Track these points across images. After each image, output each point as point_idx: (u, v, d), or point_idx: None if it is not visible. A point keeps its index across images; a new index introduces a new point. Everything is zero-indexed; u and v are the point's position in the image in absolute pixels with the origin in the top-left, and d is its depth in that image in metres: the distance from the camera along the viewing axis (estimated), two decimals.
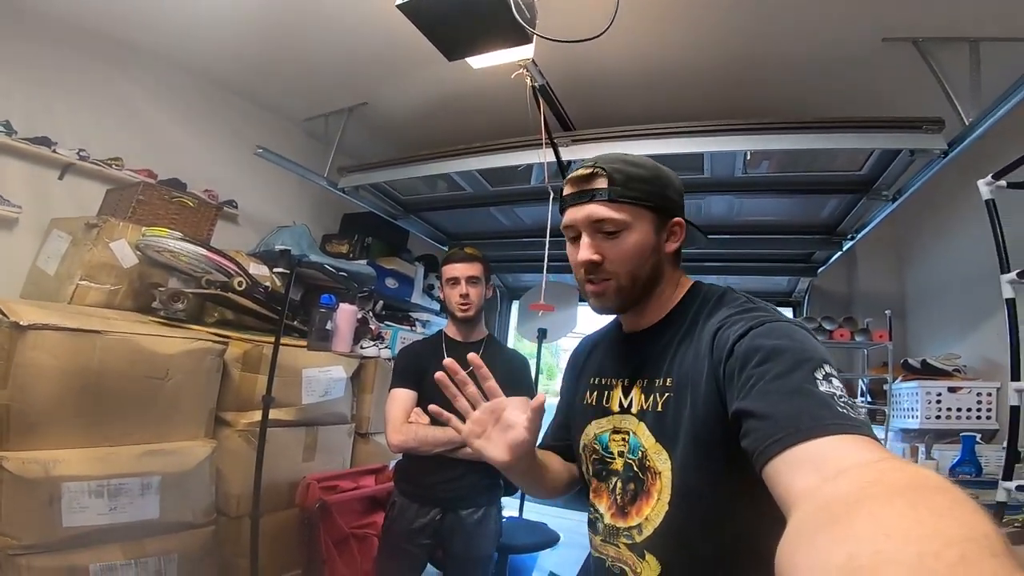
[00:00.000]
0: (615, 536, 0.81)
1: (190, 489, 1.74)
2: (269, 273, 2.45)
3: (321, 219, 3.55)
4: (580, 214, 0.80)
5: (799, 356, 0.61)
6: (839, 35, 2.12)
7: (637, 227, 0.80)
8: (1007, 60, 1.88)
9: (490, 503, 1.79)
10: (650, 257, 0.81)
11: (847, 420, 0.53)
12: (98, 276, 2.03)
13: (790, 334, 0.65)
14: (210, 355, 1.89)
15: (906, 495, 0.34)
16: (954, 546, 0.27)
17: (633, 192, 0.79)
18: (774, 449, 0.53)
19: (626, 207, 0.79)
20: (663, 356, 0.81)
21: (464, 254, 1.81)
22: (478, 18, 1.49)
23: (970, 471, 1.92)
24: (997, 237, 1.76)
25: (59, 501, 1.42)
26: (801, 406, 0.55)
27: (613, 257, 0.80)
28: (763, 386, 0.59)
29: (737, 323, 0.70)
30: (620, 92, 2.64)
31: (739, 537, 0.70)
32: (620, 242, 0.79)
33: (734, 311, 0.75)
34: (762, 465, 0.54)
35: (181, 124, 2.78)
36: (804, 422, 0.53)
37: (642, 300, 0.84)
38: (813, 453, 0.50)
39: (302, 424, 2.25)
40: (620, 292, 0.82)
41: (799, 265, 3.33)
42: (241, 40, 2.50)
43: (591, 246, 0.80)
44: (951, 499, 0.32)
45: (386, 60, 2.54)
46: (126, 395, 1.63)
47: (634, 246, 0.80)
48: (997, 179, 1.80)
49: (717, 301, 0.81)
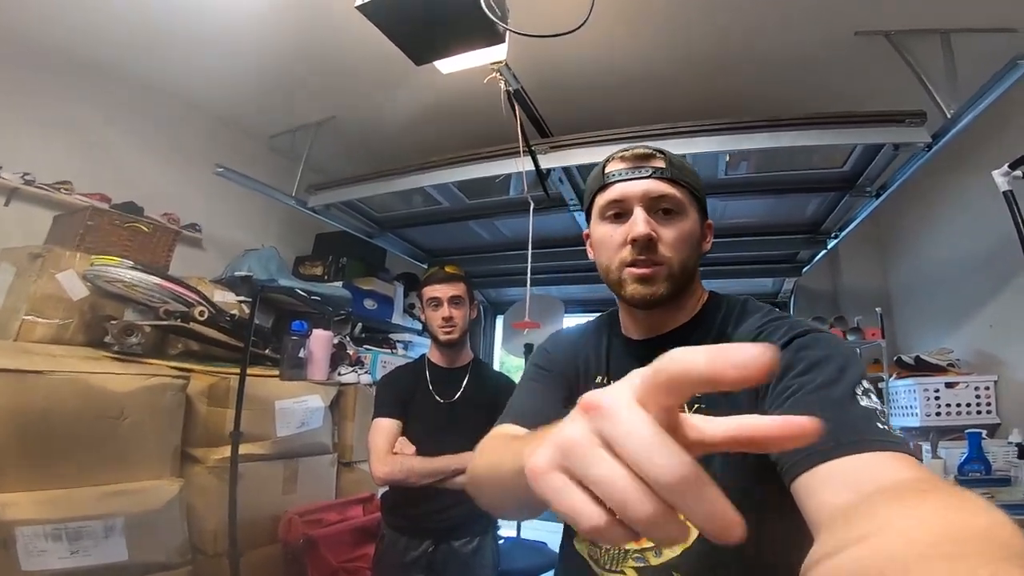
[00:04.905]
0: (620, 561, 0.73)
1: (159, 529, 1.65)
2: (236, 300, 2.31)
3: (292, 240, 3.41)
4: (637, 188, 0.75)
5: (842, 370, 0.59)
6: (812, 30, 2.12)
7: (689, 213, 0.77)
8: (979, 50, 1.89)
9: (485, 532, 1.69)
10: (696, 249, 0.78)
11: (886, 436, 0.51)
12: (45, 310, 1.89)
13: (833, 345, 0.63)
14: (170, 391, 1.76)
15: (943, 516, 0.32)
16: (988, 565, 0.25)
17: (687, 178, 0.77)
18: (811, 460, 0.51)
19: (683, 190, 0.76)
20: None
21: (445, 274, 1.72)
22: (445, 17, 1.39)
23: (979, 468, 1.87)
24: (1021, 231, 1.67)
25: (14, 546, 1.35)
26: (842, 419, 0.53)
27: (668, 239, 0.74)
28: (803, 396, 0.58)
29: (778, 330, 0.68)
30: (596, 95, 2.59)
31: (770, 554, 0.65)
32: (676, 225, 0.75)
33: (769, 319, 0.72)
34: (794, 476, 0.52)
35: (136, 144, 2.64)
36: (844, 435, 0.51)
37: (680, 297, 0.78)
38: (850, 468, 0.48)
39: (279, 457, 2.15)
40: (670, 280, 0.75)
41: (784, 266, 3.30)
42: (201, 54, 2.40)
43: (648, 221, 0.73)
44: (990, 520, 0.30)
45: (354, 71, 2.45)
46: (78, 436, 1.54)
47: (688, 232, 0.76)
48: (1014, 168, 1.70)
49: (742, 310, 0.78)
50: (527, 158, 2.06)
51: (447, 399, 1.68)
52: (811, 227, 2.89)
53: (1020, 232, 1.63)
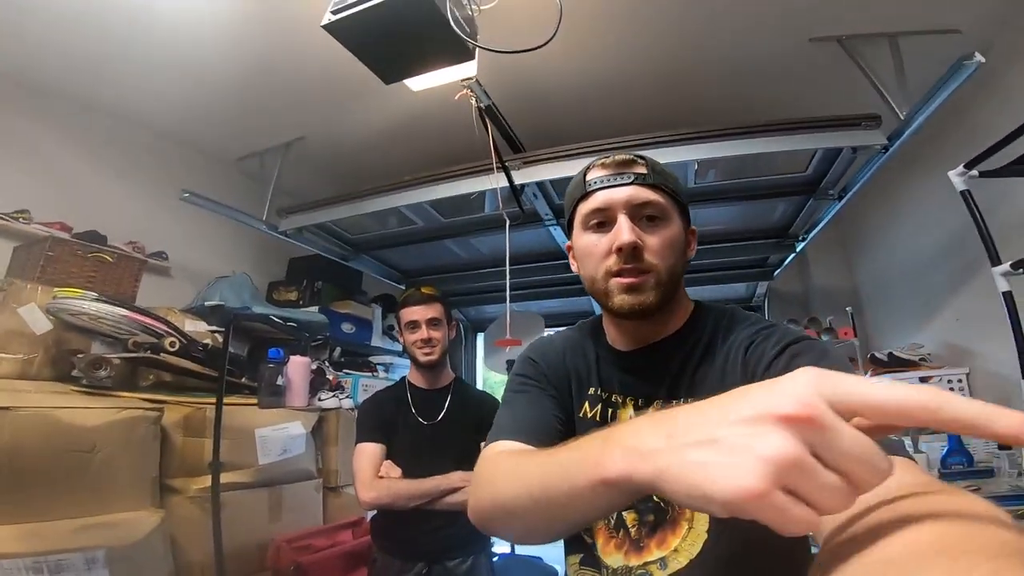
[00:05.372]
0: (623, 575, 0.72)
1: (143, 560, 1.62)
2: (207, 329, 2.25)
3: (265, 265, 3.35)
4: (620, 195, 0.73)
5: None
6: (770, 39, 2.19)
7: (674, 220, 0.76)
8: (929, 52, 1.98)
9: (479, 550, 1.67)
10: (682, 256, 0.77)
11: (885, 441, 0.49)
12: (8, 345, 1.84)
13: (826, 352, 0.65)
14: (143, 423, 1.71)
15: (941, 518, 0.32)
16: (986, 564, 0.26)
17: (670, 184, 0.76)
18: None
19: (666, 196, 0.75)
20: (681, 376, 0.75)
21: (421, 295, 1.71)
22: (413, 35, 1.40)
23: (962, 461, 1.91)
24: (980, 229, 1.68)
25: None
26: None
27: (653, 246, 0.73)
28: None
29: (770, 339, 0.68)
30: (566, 109, 2.64)
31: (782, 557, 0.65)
32: (660, 232, 0.74)
33: (760, 328, 0.72)
34: None
35: (99, 170, 2.57)
36: None
37: (669, 306, 0.77)
38: None
39: (262, 485, 2.12)
40: (658, 288, 0.73)
41: (755, 270, 3.37)
42: (162, 78, 2.36)
43: (633, 229, 0.72)
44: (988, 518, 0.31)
45: (322, 91, 2.45)
46: (48, 471, 1.51)
47: (673, 239, 0.75)
48: (969, 168, 1.72)
49: (730, 319, 0.78)
50: (501, 175, 2.07)
51: (430, 420, 1.66)
52: (779, 231, 2.96)
53: (980, 230, 1.67)
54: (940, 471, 1.91)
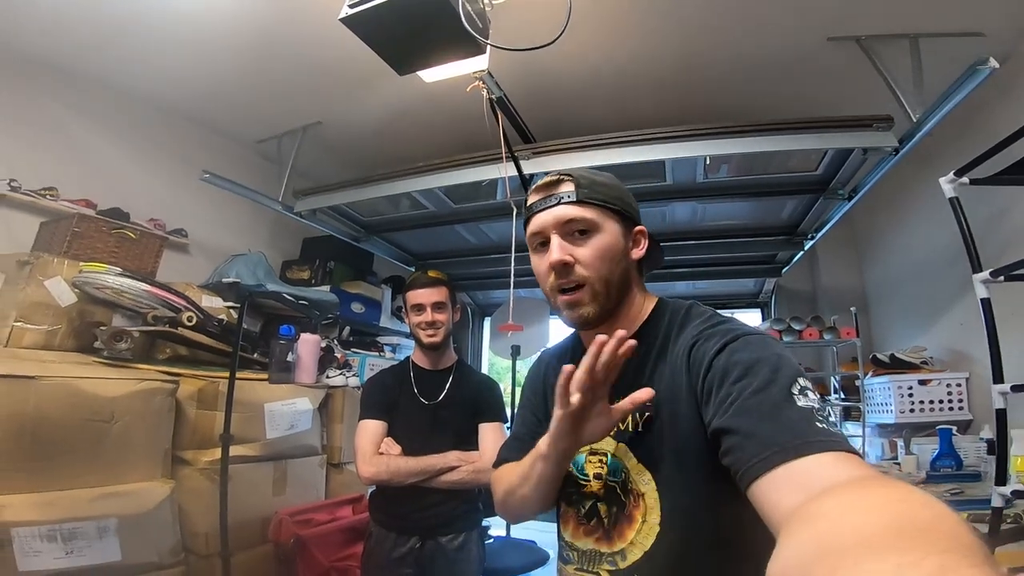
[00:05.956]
0: (595, 562, 0.77)
1: (152, 530, 1.67)
2: (223, 305, 2.33)
3: (280, 244, 3.43)
4: (548, 217, 0.79)
5: (776, 371, 0.61)
6: (786, 36, 2.17)
7: (606, 228, 0.79)
8: (946, 54, 1.94)
9: (470, 528, 1.72)
10: (620, 261, 0.80)
11: (828, 436, 0.54)
12: (34, 317, 1.90)
13: (765, 347, 0.66)
14: (159, 395, 1.78)
15: (888, 510, 0.34)
16: (933, 556, 0.27)
17: (599, 194, 0.79)
18: (759, 470, 0.53)
19: (595, 208, 0.79)
20: (639, 375, 0.78)
21: (428, 278, 1.74)
22: (427, 29, 1.43)
23: (950, 464, 1.93)
24: (965, 236, 1.69)
25: (11, 546, 1.37)
26: (781, 423, 0.56)
27: (584, 259, 0.78)
28: (742, 403, 0.60)
29: (712, 338, 0.70)
30: (579, 102, 2.64)
31: (731, 547, 0.69)
32: (590, 243, 0.78)
33: (705, 326, 0.74)
34: (747, 485, 0.55)
35: (123, 150, 2.65)
36: (787, 441, 0.53)
37: (615, 312, 0.81)
38: (797, 471, 0.51)
39: (269, 459, 2.17)
40: (595, 299, 0.78)
41: (763, 267, 3.38)
42: (187, 62, 2.41)
43: (562, 247, 0.78)
44: (934, 513, 0.33)
45: (339, 77, 2.48)
46: (69, 440, 1.56)
47: (604, 247, 0.78)
48: (960, 176, 1.73)
49: (685, 315, 0.80)
50: (511, 164, 2.10)
51: (431, 401, 1.72)
52: (788, 229, 2.96)
53: (965, 236, 1.68)
54: (929, 472, 1.94)
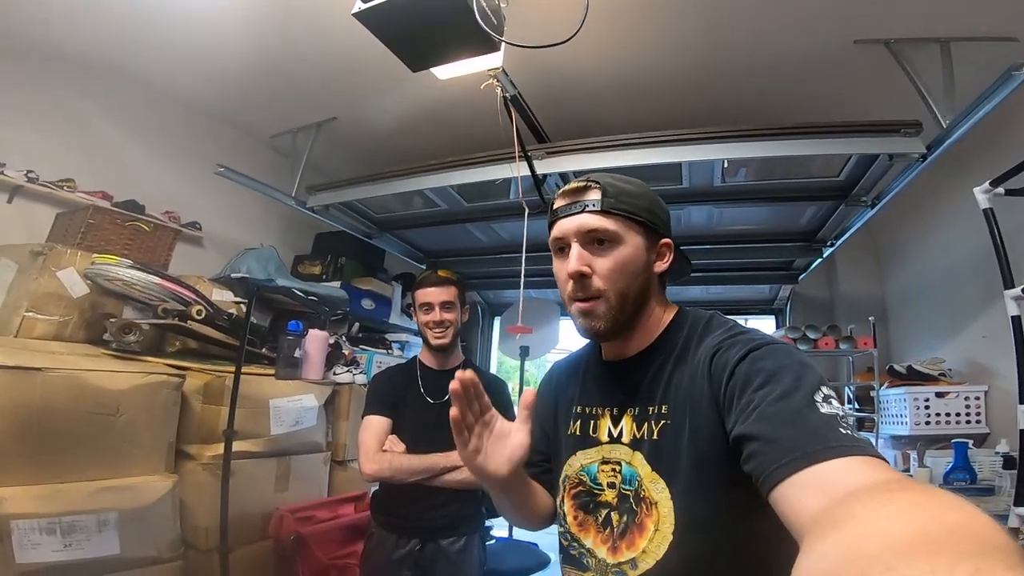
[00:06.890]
0: (604, 573, 0.76)
1: (152, 524, 1.66)
2: (233, 299, 2.33)
3: (292, 239, 3.44)
4: (571, 224, 0.78)
5: (799, 378, 0.60)
6: (811, 38, 2.11)
7: (629, 241, 0.77)
8: (978, 60, 1.87)
9: (472, 531, 1.71)
10: (640, 275, 0.78)
11: (851, 441, 0.53)
12: (46, 307, 1.92)
13: (788, 356, 0.65)
14: (166, 389, 1.78)
15: (917, 514, 0.33)
16: (967, 560, 0.26)
17: (625, 205, 0.77)
18: (781, 474, 0.52)
19: (618, 219, 0.77)
20: (655, 383, 0.77)
21: (437, 278, 1.73)
22: (440, 26, 1.41)
23: (965, 478, 1.88)
24: (998, 248, 1.63)
25: (9, 539, 1.37)
26: (805, 429, 0.55)
27: (602, 270, 0.76)
28: (764, 409, 0.59)
29: (734, 346, 0.69)
30: (594, 101, 2.61)
31: (747, 558, 0.68)
32: (611, 255, 0.76)
33: (728, 335, 0.73)
34: (769, 489, 0.54)
35: (139, 143, 2.67)
36: (809, 445, 0.53)
37: (631, 324, 0.80)
38: (820, 476, 0.50)
39: (272, 455, 2.16)
40: (610, 312, 0.77)
41: (780, 273, 3.31)
42: (204, 56, 2.42)
43: (580, 257, 0.76)
44: (965, 515, 0.32)
45: (355, 74, 2.47)
46: (73, 432, 1.56)
47: (625, 260, 0.77)
48: (995, 186, 1.66)
49: (706, 325, 0.79)
50: (523, 163, 2.07)
51: (436, 400, 1.70)
52: (807, 235, 2.89)
53: (998, 250, 1.61)
54: (942, 486, 1.89)
